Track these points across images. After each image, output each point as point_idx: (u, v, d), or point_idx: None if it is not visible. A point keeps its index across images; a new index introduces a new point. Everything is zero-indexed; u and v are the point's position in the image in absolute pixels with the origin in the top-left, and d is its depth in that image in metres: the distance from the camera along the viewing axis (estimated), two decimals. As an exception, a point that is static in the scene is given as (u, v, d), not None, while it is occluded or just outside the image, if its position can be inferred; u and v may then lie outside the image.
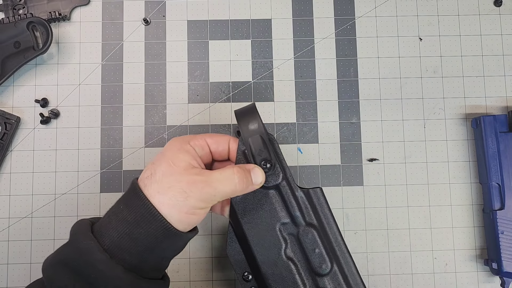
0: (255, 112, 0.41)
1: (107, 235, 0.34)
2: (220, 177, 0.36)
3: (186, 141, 0.38)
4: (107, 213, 0.37)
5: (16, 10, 0.55)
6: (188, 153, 0.37)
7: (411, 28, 0.57)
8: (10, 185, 0.53)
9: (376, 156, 0.55)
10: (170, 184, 0.34)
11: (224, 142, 0.40)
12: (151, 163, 0.37)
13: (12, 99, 0.55)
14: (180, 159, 0.36)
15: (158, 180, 0.35)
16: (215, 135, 0.40)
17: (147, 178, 0.36)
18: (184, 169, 0.35)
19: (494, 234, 0.50)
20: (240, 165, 0.38)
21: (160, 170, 0.35)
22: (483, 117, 0.52)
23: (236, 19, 0.57)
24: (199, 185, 0.35)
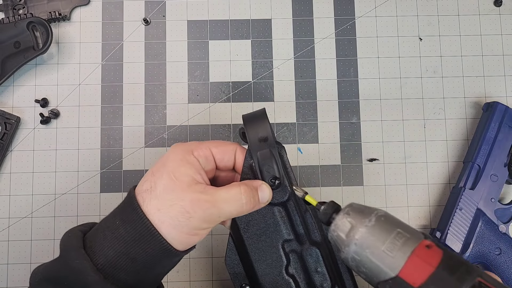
0: (266, 121, 0.37)
1: (102, 253, 0.31)
2: (226, 196, 0.33)
3: (190, 151, 0.34)
4: (101, 225, 0.34)
5: (16, 10, 0.55)
6: (191, 165, 0.34)
7: (411, 28, 0.57)
8: (10, 185, 0.53)
9: (376, 156, 0.55)
10: (172, 202, 0.32)
11: (230, 152, 0.36)
12: (151, 174, 0.34)
13: (12, 99, 0.55)
14: (183, 173, 0.33)
15: (159, 195, 0.32)
16: (221, 143, 0.36)
17: (146, 192, 0.33)
18: (187, 185, 0.32)
19: (453, 208, 0.51)
20: (247, 183, 0.35)
21: (161, 184, 0.32)
22: (496, 103, 0.53)
23: (236, 19, 0.57)
24: (203, 205, 0.32)
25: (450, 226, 0.50)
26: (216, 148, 0.36)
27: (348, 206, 0.33)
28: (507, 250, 0.50)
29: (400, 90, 0.56)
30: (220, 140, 0.37)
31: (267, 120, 0.37)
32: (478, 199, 0.51)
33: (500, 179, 0.52)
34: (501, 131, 0.52)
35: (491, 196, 0.51)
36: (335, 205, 0.34)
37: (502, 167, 0.52)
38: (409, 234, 0.30)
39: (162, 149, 0.54)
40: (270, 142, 0.36)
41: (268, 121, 0.37)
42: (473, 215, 0.51)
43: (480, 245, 0.50)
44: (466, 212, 0.51)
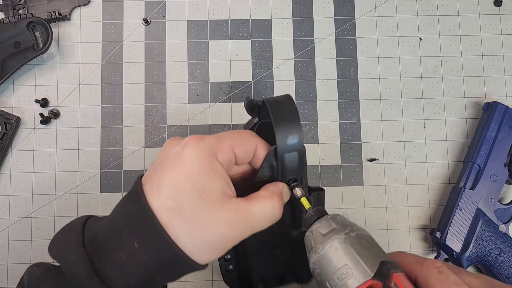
0: (297, 119, 0.32)
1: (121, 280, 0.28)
2: (261, 213, 0.30)
3: (214, 156, 0.29)
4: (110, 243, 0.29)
5: (16, 10, 0.55)
6: (220, 176, 0.29)
7: (411, 28, 0.57)
8: (10, 185, 0.53)
9: (376, 156, 0.55)
10: (206, 225, 0.28)
11: (251, 150, 0.32)
12: (173, 187, 0.28)
13: (12, 99, 0.55)
14: (214, 188, 0.28)
15: (189, 218, 0.28)
16: (242, 140, 0.32)
17: (172, 212, 0.28)
18: (220, 203, 0.28)
19: (453, 208, 0.51)
20: (276, 192, 0.31)
21: (189, 204, 0.28)
22: (496, 103, 0.53)
23: (236, 19, 0.57)
24: (239, 227, 0.29)
25: (450, 226, 0.50)
26: (238, 147, 0.31)
27: (331, 216, 0.32)
28: (507, 250, 0.50)
29: (400, 90, 0.56)
30: (238, 133, 0.32)
31: (298, 117, 0.33)
32: (478, 199, 0.51)
33: (500, 179, 0.52)
34: (501, 131, 0.52)
35: (491, 196, 0.51)
36: (320, 213, 0.33)
37: (502, 167, 0.52)
38: (357, 271, 0.28)
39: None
40: (300, 145, 0.33)
41: (299, 119, 0.33)
42: (473, 215, 0.51)
43: (480, 245, 0.50)
44: (466, 212, 0.51)
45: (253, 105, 0.35)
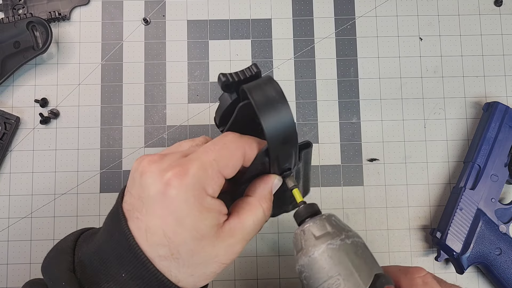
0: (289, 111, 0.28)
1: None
2: (253, 224, 0.30)
3: (203, 191, 0.27)
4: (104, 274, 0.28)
5: (15, 10, 0.55)
6: (212, 211, 0.28)
7: (411, 28, 0.57)
8: (9, 185, 0.53)
9: (376, 156, 0.55)
10: (205, 262, 0.28)
11: (240, 161, 0.29)
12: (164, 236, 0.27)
13: (11, 99, 0.55)
14: (207, 225, 0.27)
15: (187, 262, 0.27)
16: (230, 157, 0.29)
17: (168, 259, 0.27)
18: (216, 236, 0.28)
19: (453, 208, 0.51)
20: (265, 196, 0.31)
21: (185, 249, 0.27)
22: (497, 103, 0.53)
23: (236, 19, 0.57)
24: (236, 248, 0.29)
25: (450, 226, 0.50)
26: (227, 167, 0.28)
27: (326, 217, 0.30)
28: (507, 250, 0.50)
29: (400, 90, 0.56)
30: (223, 146, 0.29)
31: (289, 109, 0.28)
32: (478, 199, 0.51)
33: (501, 179, 0.52)
34: (502, 131, 0.52)
35: (491, 196, 0.51)
36: (313, 210, 0.31)
37: (503, 167, 0.52)
38: (350, 283, 0.27)
39: (162, 149, 0.54)
40: (292, 131, 0.29)
41: (289, 107, 0.28)
42: (474, 215, 0.51)
43: (481, 245, 0.50)
44: (467, 212, 0.51)
45: (229, 83, 0.31)
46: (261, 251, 0.53)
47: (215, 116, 0.34)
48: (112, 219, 0.30)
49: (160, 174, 0.27)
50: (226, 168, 0.28)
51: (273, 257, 0.53)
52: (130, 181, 0.29)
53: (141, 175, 0.28)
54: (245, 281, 0.53)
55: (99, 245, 0.29)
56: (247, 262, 0.53)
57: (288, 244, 0.53)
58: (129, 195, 0.29)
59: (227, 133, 0.31)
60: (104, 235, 0.30)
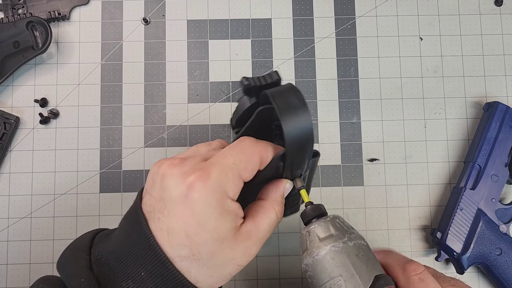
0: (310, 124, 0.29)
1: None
2: (267, 227, 0.31)
3: (224, 195, 0.28)
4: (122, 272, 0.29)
5: (15, 9, 0.55)
6: (232, 213, 0.29)
7: (412, 27, 0.57)
8: (9, 185, 0.53)
9: (377, 156, 0.55)
10: (224, 264, 0.29)
11: (257, 165, 0.30)
12: (185, 236, 0.27)
13: (11, 99, 0.55)
14: (228, 228, 0.28)
15: (207, 263, 0.28)
16: (248, 161, 0.30)
17: (188, 260, 0.28)
18: (234, 239, 0.29)
19: (454, 208, 0.51)
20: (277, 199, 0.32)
21: (206, 250, 0.28)
22: (497, 103, 0.53)
23: (236, 18, 0.57)
24: (252, 251, 0.30)
25: (450, 226, 0.50)
26: (245, 171, 0.29)
27: (331, 219, 0.32)
28: (507, 250, 0.50)
29: (401, 89, 0.56)
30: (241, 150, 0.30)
31: (310, 117, 0.29)
32: (478, 199, 0.51)
33: (501, 179, 0.52)
34: (502, 131, 0.52)
35: (491, 196, 0.51)
36: (320, 212, 0.32)
37: (503, 167, 0.52)
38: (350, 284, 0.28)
39: (162, 149, 0.54)
40: (310, 151, 0.31)
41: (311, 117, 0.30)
42: (474, 215, 0.51)
43: (481, 246, 0.50)
44: (467, 212, 0.51)
45: (251, 87, 0.32)
46: (261, 251, 0.53)
47: (232, 118, 0.35)
48: (131, 219, 0.30)
49: (182, 176, 0.28)
50: (245, 172, 0.29)
51: (273, 257, 0.53)
52: (150, 183, 0.30)
53: (162, 177, 0.29)
54: (245, 281, 0.53)
55: (117, 245, 0.30)
56: (247, 262, 0.53)
57: (288, 244, 0.53)
58: (149, 197, 0.29)
59: (243, 138, 0.31)
60: (121, 235, 0.30)
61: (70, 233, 0.53)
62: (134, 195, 0.43)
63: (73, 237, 0.53)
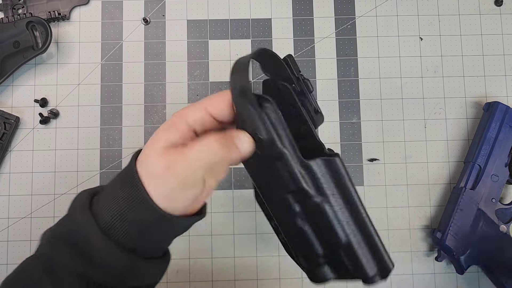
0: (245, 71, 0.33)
1: (101, 214, 0.32)
2: (196, 147, 0.32)
3: (183, 116, 0.34)
4: (105, 190, 0.35)
5: (15, 9, 0.55)
6: (177, 131, 0.33)
7: (412, 27, 0.57)
8: (9, 185, 0.53)
9: (377, 156, 0.55)
10: (155, 172, 0.32)
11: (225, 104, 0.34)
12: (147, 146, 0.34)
13: (11, 99, 0.55)
14: (164, 138, 0.33)
15: (144, 165, 0.33)
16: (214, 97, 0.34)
17: (139, 163, 0.33)
18: (164, 151, 0.32)
19: (454, 208, 0.51)
20: (221, 132, 0.34)
21: (144, 153, 0.33)
22: (497, 103, 0.53)
23: (236, 18, 0.57)
24: (177, 166, 0.32)
25: (450, 226, 0.50)
26: (210, 105, 0.34)
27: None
28: (507, 250, 0.50)
29: (401, 89, 0.56)
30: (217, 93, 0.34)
31: (247, 70, 0.32)
32: (478, 199, 0.51)
33: (501, 179, 0.52)
34: (502, 131, 0.52)
35: (491, 196, 0.51)
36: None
37: (503, 167, 0.52)
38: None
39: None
40: (248, 95, 0.32)
41: (247, 71, 0.32)
42: (474, 215, 0.51)
43: (481, 246, 0.50)
44: (467, 212, 0.51)
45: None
46: (261, 251, 0.53)
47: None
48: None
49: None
50: (211, 106, 0.34)
51: (273, 257, 0.53)
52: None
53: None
54: (245, 281, 0.53)
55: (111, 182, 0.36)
56: (247, 262, 0.53)
57: (288, 244, 0.53)
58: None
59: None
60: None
61: (70, 233, 0.53)
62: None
63: (73, 237, 0.53)
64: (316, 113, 0.43)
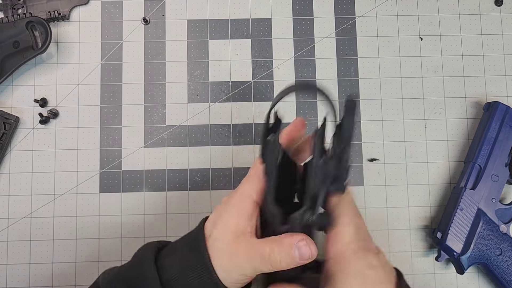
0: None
1: (165, 269, 0.34)
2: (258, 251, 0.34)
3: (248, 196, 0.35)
4: (172, 246, 0.37)
5: (15, 9, 0.55)
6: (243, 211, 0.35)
7: (412, 27, 0.57)
8: (9, 185, 0.53)
9: (377, 156, 0.55)
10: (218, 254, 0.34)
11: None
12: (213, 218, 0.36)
13: (11, 99, 0.55)
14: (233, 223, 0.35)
15: (211, 244, 0.35)
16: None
17: (207, 238, 0.35)
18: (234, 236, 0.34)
19: (454, 208, 0.51)
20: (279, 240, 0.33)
21: (214, 234, 0.35)
22: (497, 103, 0.53)
23: (236, 18, 0.57)
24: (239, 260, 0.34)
25: (450, 226, 0.50)
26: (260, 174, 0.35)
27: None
28: (507, 250, 0.50)
29: (401, 89, 0.56)
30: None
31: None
32: (479, 199, 0.51)
33: (501, 179, 0.52)
34: (502, 131, 0.52)
35: (491, 196, 0.51)
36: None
37: (503, 167, 0.52)
38: None
39: (162, 149, 0.54)
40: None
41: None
42: (474, 215, 0.50)
43: (481, 246, 0.50)
44: (467, 212, 0.51)
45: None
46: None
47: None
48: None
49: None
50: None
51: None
52: None
53: None
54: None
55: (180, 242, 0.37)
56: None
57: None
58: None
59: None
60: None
61: (70, 233, 0.53)
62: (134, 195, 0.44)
63: (72, 237, 0.53)
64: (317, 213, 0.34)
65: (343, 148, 0.31)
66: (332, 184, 0.33)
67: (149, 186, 0.53)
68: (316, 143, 0.32)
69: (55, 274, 0.52)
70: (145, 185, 0.54)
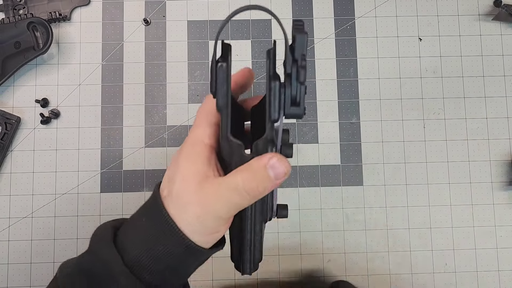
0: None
1: (126, 250, 0.31)
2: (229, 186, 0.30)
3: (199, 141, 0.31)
4: (129, 223, 0.33)
5: (16, 10, 0.55)
6: (199, 156, 0.31)
7: (411, 28, 0.57)
8: (10, 185, 0.53)
9: (376, 156, 0.55)
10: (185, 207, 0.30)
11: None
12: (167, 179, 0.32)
13: (12, 99, 0.55)
14: (193, 172, 0.30)
15: (174, 200, 0.31)
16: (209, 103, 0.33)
17: (165, 198, 0.31)
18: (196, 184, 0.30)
19: None
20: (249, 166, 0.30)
21: (174, 189, 0.31)
22: None
23: (236, 19, 0.57)
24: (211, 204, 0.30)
25: None
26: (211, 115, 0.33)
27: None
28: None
29: (400, 90, 0.56)
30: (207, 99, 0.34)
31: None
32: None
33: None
34: None
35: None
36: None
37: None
38: None
39: (162, 149, 0.54)
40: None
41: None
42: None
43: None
44: None
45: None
46: (261, 250, 0.53)
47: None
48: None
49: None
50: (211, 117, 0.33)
51: (274, 256, 0.53)
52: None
53: None
54: (245, 281, 0.53)
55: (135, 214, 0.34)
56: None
57: (288, 244, 0.54)
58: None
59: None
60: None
61: (71, 232, 0.53)
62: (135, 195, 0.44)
63: (73, 237, 0.53)
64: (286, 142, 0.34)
65: (300, 65, 0.30)
66: (291, 106, 0.31)
67: (149, 186, 0.54)
68: (270, 65, 0.31)
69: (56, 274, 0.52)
70: (145, 185, 0.54)
